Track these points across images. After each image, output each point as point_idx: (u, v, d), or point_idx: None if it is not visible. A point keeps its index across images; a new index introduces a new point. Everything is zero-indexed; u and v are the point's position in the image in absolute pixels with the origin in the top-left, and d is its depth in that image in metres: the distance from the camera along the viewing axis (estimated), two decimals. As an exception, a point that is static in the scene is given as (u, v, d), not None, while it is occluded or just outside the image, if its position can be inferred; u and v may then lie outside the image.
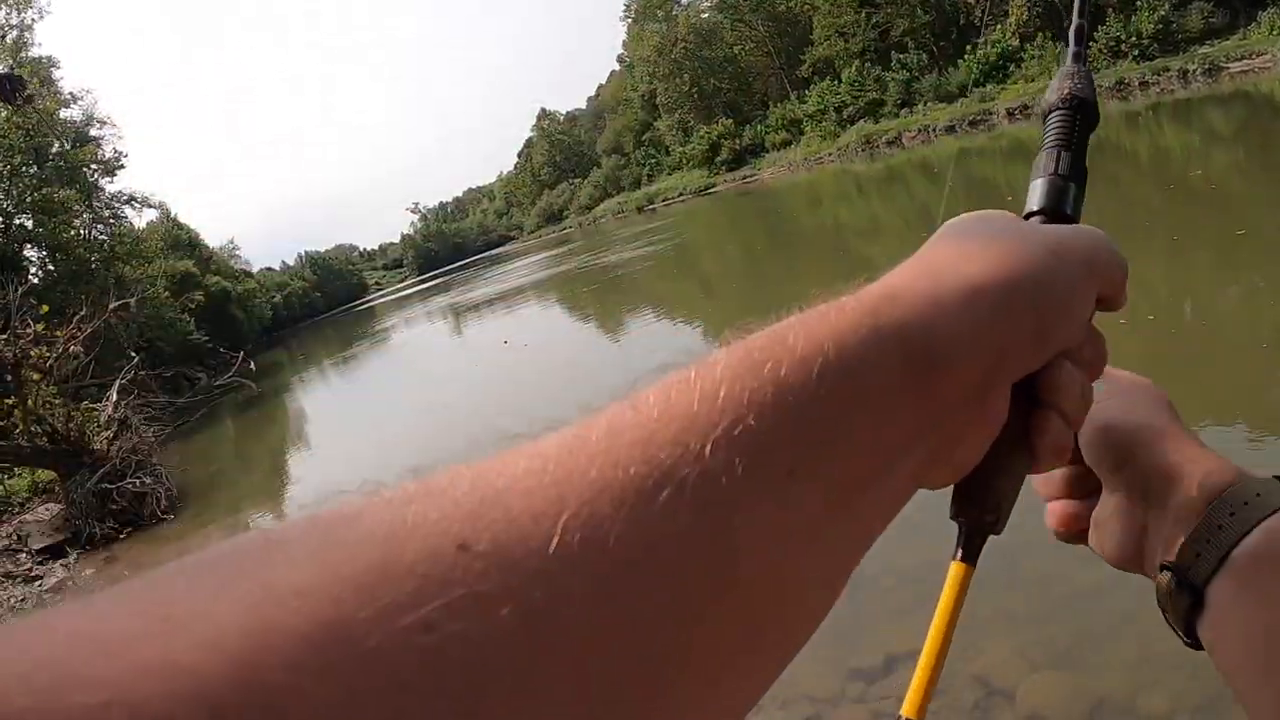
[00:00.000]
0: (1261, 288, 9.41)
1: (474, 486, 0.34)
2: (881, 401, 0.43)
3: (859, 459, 0.42)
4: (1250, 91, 30.36)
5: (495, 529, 0.32)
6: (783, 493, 0.38)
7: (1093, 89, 0.72)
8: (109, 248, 41.44)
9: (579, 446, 0.36)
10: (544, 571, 0.31)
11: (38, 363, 16.15)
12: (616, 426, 0.38)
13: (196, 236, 76.10)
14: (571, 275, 39.06)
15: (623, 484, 0.35)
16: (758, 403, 0.39)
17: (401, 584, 0.29)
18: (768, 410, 0.39)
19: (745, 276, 23.36)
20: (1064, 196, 0.67)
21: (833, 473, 0.41)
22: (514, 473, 0.35)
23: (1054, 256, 0.54)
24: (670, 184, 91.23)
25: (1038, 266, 0.53)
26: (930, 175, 33.63)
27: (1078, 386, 0.55)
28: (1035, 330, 0.52)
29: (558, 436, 0.38)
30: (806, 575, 0.41)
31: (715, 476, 0.36)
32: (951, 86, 57.64)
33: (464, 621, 0.29)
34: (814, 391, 0.41)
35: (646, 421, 0.38)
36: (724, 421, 0.38)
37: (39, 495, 18.41)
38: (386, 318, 65.39)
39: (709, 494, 0.36)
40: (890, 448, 0.44)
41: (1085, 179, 0.69)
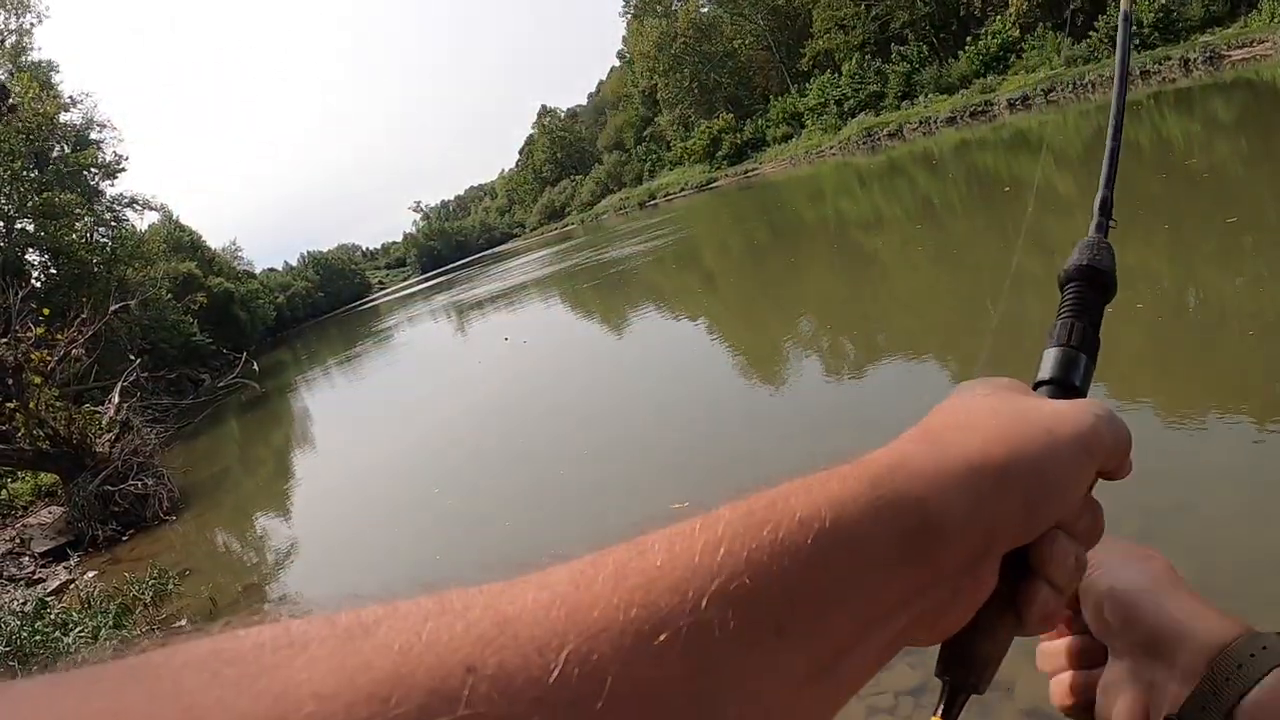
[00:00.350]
0: (1248, 277, 9.40)
1: (485, 611, 0.36)
2: (873, 571, 0.45)
3: (847, 623, 0.44)
4: (1252, 79, 30.24)
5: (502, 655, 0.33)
6: (771, 650, 0.40)
7: (1113, 261, 0.74)
8: (111, 250, 41.36)
9: (585, 584, 0.38)
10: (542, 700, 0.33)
11: (39, 366, 16.15)
12: (622, 569, 0.39)
13: (199, 238, 75.99)
14: (573, 271, 39.05)
15: (622, 625, 0.36)
16: (755, 562, 0.41)
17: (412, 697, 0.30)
18: (763, 570, 0.41)
19: (747, 271, 23.32)
20: (1073, 368, 0.68)
21: (820, 635, 0.43)
22: (524, 602, 0.37)
23: (1052, 438, 0.55)
24: (672, 179, 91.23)
25: (1035, 447, 0.54)
26: (931, 167, 33.56)
27: (1070, 558, 0.56)
28: (1027, 508, 0.53)
29: (567, 571, 0.40)
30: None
31: (708, 628, 0.38)
32: (952, 78, 57.58)
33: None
34: (809, 556, 0.42)
35: (649, 568, 0.40)
36: (721, 576, 0.40)
37: (41, 498, 18.46)
38: (390, 316, 65.44)
39: (701, 644, 0.38)
40: (878, 614, 0.46)
41: (1097, 350, 0.70)
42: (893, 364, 10.39)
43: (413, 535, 10.43)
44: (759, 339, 14.40)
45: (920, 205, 25.11)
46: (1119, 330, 8.68)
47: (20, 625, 7.89)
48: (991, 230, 16.83)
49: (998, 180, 24.50)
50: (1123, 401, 7.05)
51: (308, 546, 11.75)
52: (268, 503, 15.29)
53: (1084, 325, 0.71)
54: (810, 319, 14.29)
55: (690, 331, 17.13)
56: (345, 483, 14.72)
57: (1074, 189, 17.60)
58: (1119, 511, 4.17)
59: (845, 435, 8.26)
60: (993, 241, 15.68)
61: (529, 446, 12.08)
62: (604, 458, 10.52)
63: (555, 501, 9.53)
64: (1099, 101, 38.15)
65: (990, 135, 38.68)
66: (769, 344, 13.61)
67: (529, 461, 11.38)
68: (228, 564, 12.24)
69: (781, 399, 10.63)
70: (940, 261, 15.82)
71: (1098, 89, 42.21)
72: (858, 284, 16.55)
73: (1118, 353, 8.50)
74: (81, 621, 8.40)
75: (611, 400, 13.35)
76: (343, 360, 39.88)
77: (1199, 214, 12.62)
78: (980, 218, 18.68)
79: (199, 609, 9.85)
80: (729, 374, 12.66)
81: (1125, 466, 0.61)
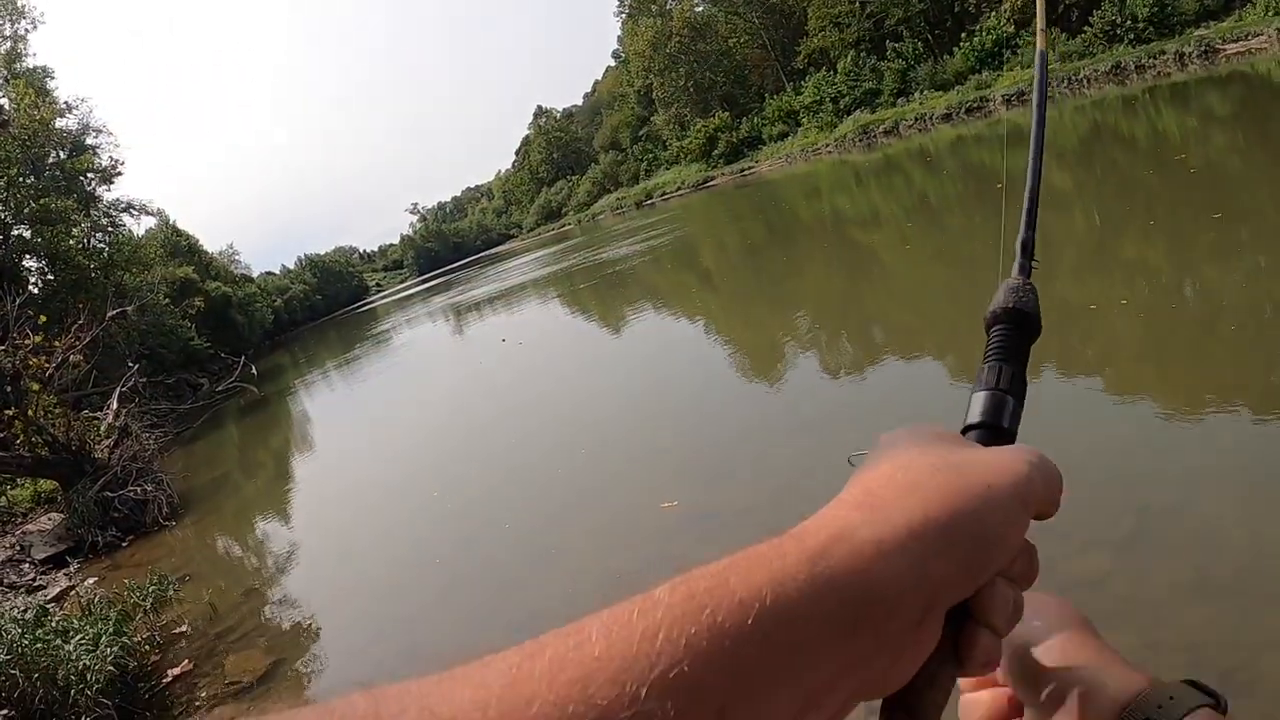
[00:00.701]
0: (1231, 272, 9.41)
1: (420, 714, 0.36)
2: (816, 647, 0.45)
3: (790, 700, 0.44)
4: (1247, 72, 30.26)
5: None
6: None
7: (1036, 302, 0.74)
8: (108, 256, 41.37)
9: (521, 679, 0.38)
10: None
11: (37, 373, 16.16)
12: (558, 662, 0.39)
13: (196, 242, 75.99)
14: (570, 272, 39.06)
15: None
16: (693, 648, 0.40)
17: None
18: (702, 655, 0.40)
19: (744, 269, 23.33)
20: (1002, 412, 0.69)
21: (764, 715, 0.42)
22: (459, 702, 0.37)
23: (990, 492, 0.55)
24: (668, 178, 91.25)
25: (975, 504, 0.54)
26: (926, 163, 33.57)
27: (1009, 603, 0.56)
28: (970, 566, 0.53)
29: (502, 665, 0.40)
30: None
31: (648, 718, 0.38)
32: (947, 74, 57.59)
33: None
34: (748, 638, 0.42)
35: (587, 660, 0.39)
36: (660, 665, 0.39)
37: (41, 505, 18.47)
38: (388, 318, 65.46)
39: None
40: (822, 687, 0.45)
41: (1025, 391, 0.70)
42: (889, 360, 10.39)
43: (412, 540, 10.46)
44: (756, 337, 14.41)
45: (917, 201, 25.12)
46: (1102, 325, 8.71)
47: (21, 633, 7.88)
48: (988, 226, 16.85)
49: (994, 176, 24.51)
50: (1112, 398, 7.07)
51: (308, 551, 11.76)
52: (267, 507, 15.31)
53: (1012, 369, 0.71)
54: (807, 316, 14.29)
55: (687, 330, 17.13)
56: (344, 486, 14.74)
57: (1070, 184, 17.63)
58: (1116, 513, 4.16)
59: (841, 432, 8.27)
60: (989, 237, 15.69)
61: (527, 447, 12.09)
62: (600, 458, 10.55)
63: (555, 504, 9.53)
64: (1094, 96, 38.20)
65: (986, 131, 38.69)
66: (766, 342, 13.63)
67: (528, 463, 11.40)
68: (228, 569, 12.25)
69: (778, 396, 10.63)
70: (936, 258, 15.85)
71: (1093, 84, 42.24)
72: (854, 281, 16.57)
73: (1101, 349, 8.53)
74: (82, 629, 8.40)
75: (608, 400, 13.35)
76: (341, 363, 39.89)
77: (1186, 209, 12.62)
78: (976, 213, 18.68)
79: (199, 614, 9.87)
80: (725, 372, 12.66)
81: (1056, 507, 0.61)
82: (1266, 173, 14.23)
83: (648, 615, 0.42)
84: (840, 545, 0.48)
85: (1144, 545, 4.90)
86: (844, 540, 0.49)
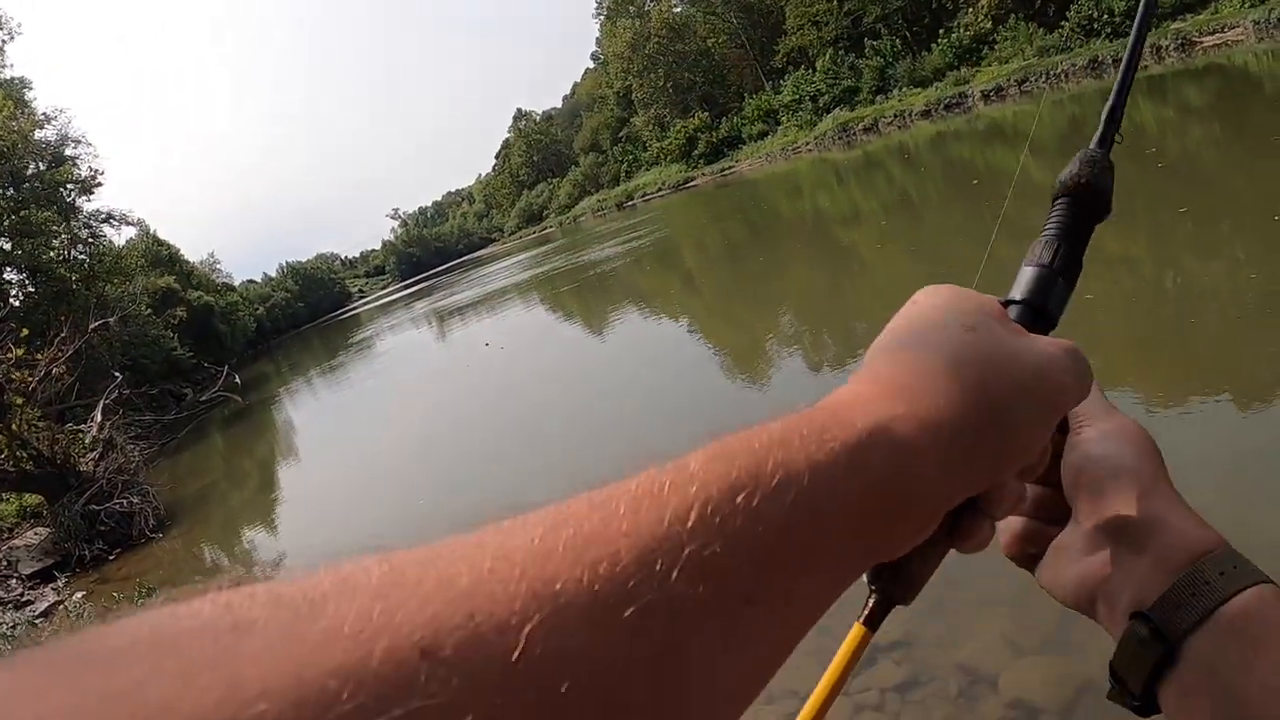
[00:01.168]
0: (1193, 267, 9.49)
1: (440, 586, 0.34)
2: (844, 539, 0.44)
3: (814, 587, 0.43)
4: (1224, 64, 30.44)
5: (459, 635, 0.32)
6: (737, 618, 0.39)
7: (1110, 179, 0.68)
8: (89, 267, 41.17)
9: (545, 554, 0.36)
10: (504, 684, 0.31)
11: (20, 386, 16.10)
12: (585, 536, 0.37)
13: (177, 252, 75.70)
14: (552, 275, 39.03)
15: (588, 601, 0.35)
16: (726, 531, 0.39)
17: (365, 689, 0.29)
18: (733, 539, 0.39)
19: (726, 269, 23.37)
20: (1049, 293, 0.65)
21: (788, 599, 0.42)
22: (479, 573, 0.35)
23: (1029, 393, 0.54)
24: (649, 179, 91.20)
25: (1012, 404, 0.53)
26: (905, 160, 33.67)
27: (1016, 497, 0.56)
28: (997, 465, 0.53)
29: (524, 536, 0.38)
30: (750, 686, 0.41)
31: (677, 601, 0.37)
32: (926, 71, 57.73)
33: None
34: (781, 526, 0.41)
35: (615, 535, 0.38)
36: (691, 545, 0.38)
37: (27, 519, 18.38)
38: (371, 324, 65.36)
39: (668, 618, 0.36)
40: (844, 575, 0.46)
41: (1077, 276, 0.66)
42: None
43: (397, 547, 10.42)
44: (737, 335, 14.43)
45: (897, 198, 25.20)
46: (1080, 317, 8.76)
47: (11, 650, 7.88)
48: (968, 221, 16.92)
49: (973, 172, 24.60)
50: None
51: (295, 559, 11.73)
52: (254, 516, 15.26)
53: (1068, 248, 0.66)
54: (789, 314, 14.33)
55: (669, 330, 17.14)
56: (330, 494, 14.72)
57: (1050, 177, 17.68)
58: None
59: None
60: (968, 232, 15.76)
61: (511, 453, 12.09)
62: (583, 461, 10.55)
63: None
64: (1072, 91, 38.36)
65: (965, 127, 38.82)
66: (747, 340, 13.65)
67: (512, 470, 11.39)
68: (216, 579, 12.19)
69: (760, 394, 10.65)
70: (916, 254, 15.90)
71: (1070, 78, 42.42)
72: (836, 278, 16.60)
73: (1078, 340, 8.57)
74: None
75: (591, 402, 13.35)
76: (325, 371, 39.79)
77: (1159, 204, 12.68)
78: (956, 209, 18.76)
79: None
80: (707, 370, 12.68)
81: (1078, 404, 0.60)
82: (1238, 166, 14.34)
83: (680, 491, 0.40)
84: (879, 438, 0.47)
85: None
86: (883, 433, 0.48)
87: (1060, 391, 0.57)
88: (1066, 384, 0.57)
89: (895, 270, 15.32)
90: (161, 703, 0.26)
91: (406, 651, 0.31)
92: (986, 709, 3.96)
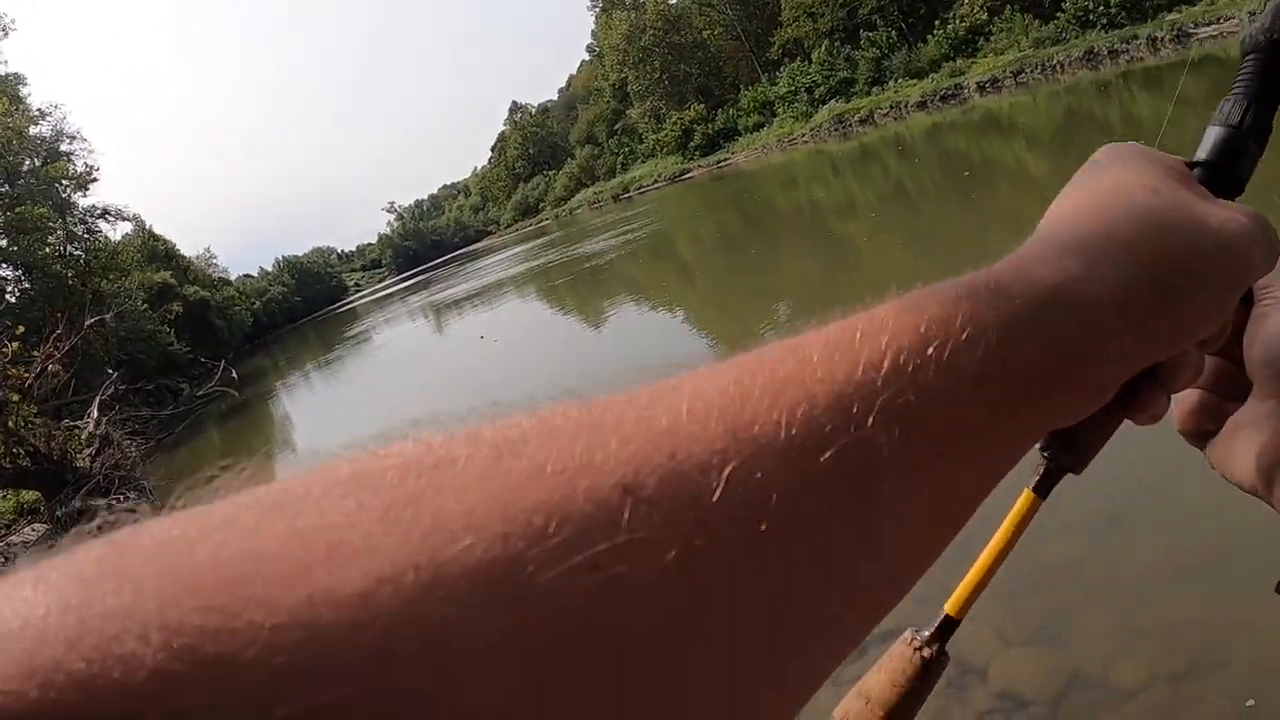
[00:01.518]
0: None
1: (638, 425, 0.34)
2: (1027, 398, 0.44)
3: (998, 445, 0.43)
4: (1220, 56, 30.41)
5: (660, 474, 0.32)
6: (928, 469, 0.39)
7: None
8: (85, 263, 41.12)
9: (742, 396, 0.36)
10: (704, 522, 0.31)
11: (16, 383, 16.11)
12: (779, 380, 0.37)
13: (173, 247, 75.48)
14: (547, 268, 39.02)
15: (785, 444, 0.35)
16: (919, 384, 0.39)
17: (569, 525, 0.29)
18: (926, 392, 0.39)
19: (721, 260, 23.38)
20: (1238, 157, 0.60)
21: (974, 456, 0.42)
22: (678, 414, 0.35)
23: (1218, 263, 0.52)
24: (645, 172, 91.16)
25: (1201, 273, 0.51)
26: (900, 152, 33.68)
27: (1194, 370, 0.54)
28: (1180, 336, 0.51)
29: (719, 379, 0.38)
30: (933, 544, 0.42)
31: (871, 449, 0.37)
32: (922, 62, 57.73)
33: (627, 565, 0.29)
34: (972, 384, 0.41)
35: (810, 380, 0.37)
36: (885, 394, 0.38)
37: (24, 516, 18.37)
38: (367, 318, 65.28)
39: (863, 465, 0.36)
40: (1024, 437, 0.46)
41: (1268, 138, 0.61)
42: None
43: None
44: (732, 325, 14.44)
45: (893, 189, 25.22)
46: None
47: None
48: (963, 213, 16.95)
49: (968, 163, 24.62)
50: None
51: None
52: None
53: (1261, 109, 0.61)
54: (785, 304, 14.34)
55: (664, 321, 17.16)
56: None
57: (1047, 170, 17.75)
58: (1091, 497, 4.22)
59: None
60: (961, 223, 15.79)
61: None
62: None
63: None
64: (1067, 83, 38.36)
65: (961, 118, 38.86)
66: (740, 329, 13.65)
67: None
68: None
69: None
70: (911, 244, 15.92)
71: (1066, 70, 42.43)
72: (830, 268, 16.63)
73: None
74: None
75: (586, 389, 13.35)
76: (321, 364, 39.78)
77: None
78: (951, 200, 18.78)
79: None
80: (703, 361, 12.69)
81: None
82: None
83: (872, 339, 0.40)
84: (1061, 298, 0.46)
85: (1119, 530, 4.97)
86: (1065, 293, 0.46)
87: (1246, 262, 0.53)
88: (1253, 254, 0.54)
89: (889, 260, 15.34)
90: (364, 540, 0.27)
91: (609, 489, 0.31)
92: (975, 699, 3.98)
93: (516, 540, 0.28)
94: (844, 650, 0.39)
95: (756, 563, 0.32)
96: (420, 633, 0.25)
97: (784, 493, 0.34)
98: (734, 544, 0.32)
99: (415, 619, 0.25)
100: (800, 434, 0.35)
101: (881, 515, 0.37)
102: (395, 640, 0.25)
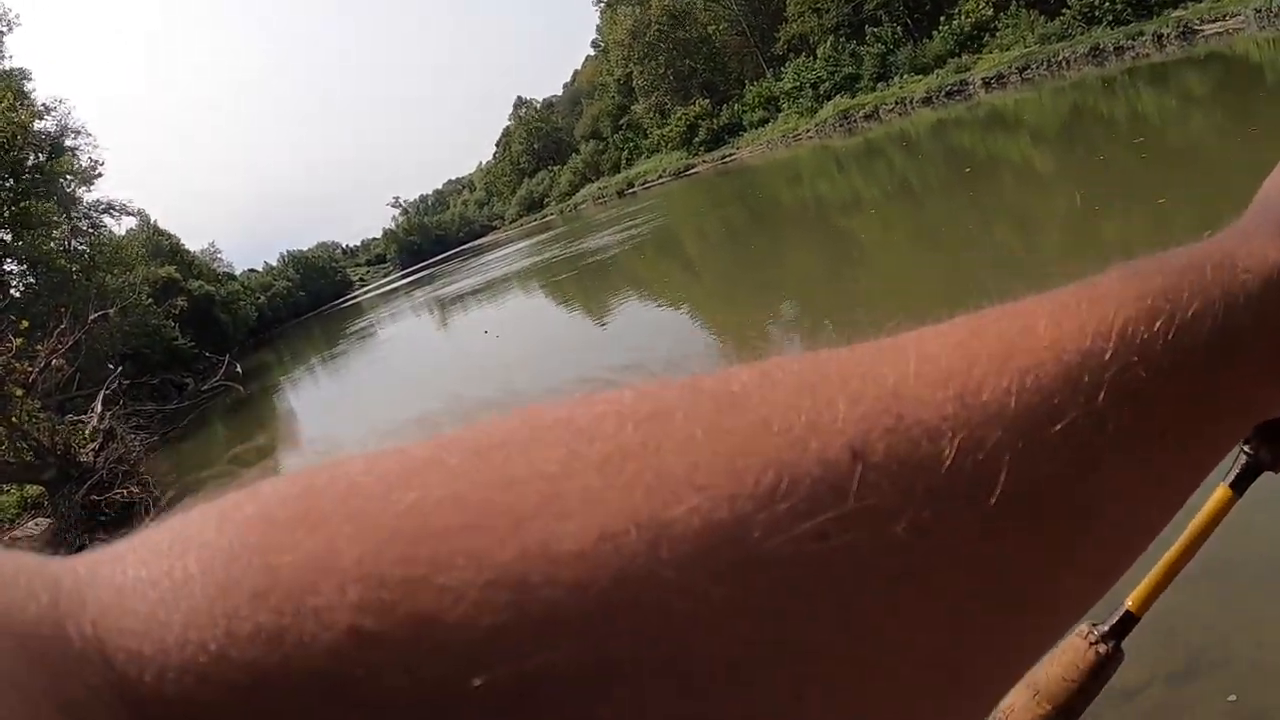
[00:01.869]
0: None
1: (866, 384, 0.33)
2: (1250, 385, 0.41)
3: (1212, 435, 0.41)
4: (1225, 53, 30.35)
5: (890, 439, 0.31)
6: (1153, 450, 0.37)
7: None
8: (89, 258, 41.14)
9: (970, 360, 0.35)
10: (934, 492, 0.30)
11: (20, 378, 16.13)
12: (1007, 346, 0.36)
13: (178, 242, 75.61)
14: (552, 263, 38.99)
15: (1015, 414, 0.33)
16: (1149, 358, 0.37)
17: (798, 489, 0.28)
18: (1155, 367, 0.37)
19: (726, 256, 23.36)
20: None
21: (1193, 444, 0.39)
22: (906, 375, 0.34)
23: None
24: (649, 167, 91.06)
25: None
26: (905, 148, 33.63)
27: None
28: None
29: (943, 341, 0.36)
30: (1147, 531, 0.39)
31: (1101, 422, 0.35)
32: (927, 58, 57.55)
33: (856, 533, 0.28)
34: (1200, 360, 0.38)
35: (1037, 347, 0.36)
36: (1115, 367, 0.36)
37: (28, 510, 18.43)
38: (372, 313, 65.28)
39: (1091, 439, 0.34)
40: (1240, 425, 0.43)
41: None
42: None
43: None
44: (737, 320, 14.42)
45: (898, 185, 25.18)
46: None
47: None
48: (965, 210, 16.92)
49: (973, 159, 24.58)
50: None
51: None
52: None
53: None
54: (790, 300, 14.33)
55: (669, 317, 17.14)
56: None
57: (1052, 166, 17.71)
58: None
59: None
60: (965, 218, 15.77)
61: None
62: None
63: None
64: (1073, 79, 38.28)
65: (966, 114, 38.76)
66: (746, 324, 13.63)
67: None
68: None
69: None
70: (917, 240, 15.90)
71: (1071, 66, 42.34)
72: (835, 264, 16.60)
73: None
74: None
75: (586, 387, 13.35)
76: (326, 359, 39.79)
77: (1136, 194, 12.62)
78: (955, 196, 18.75)
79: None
80: (708, 356, 12.68)
81: None
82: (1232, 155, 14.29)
83: (1098, 308, 0.38)
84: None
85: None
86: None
87: None
88: None
89: (894, 256, 15.33)
90: (582, 493, 0.25)
91: (838, 451, 0.29)
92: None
93: (744, 502, 0.27)
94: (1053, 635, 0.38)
95: (985, 539, 0.31)
96: (641, 597, 0.24)
97: (1013, 465, 0.32)
98: (964, 518, 0.31)
99: (636, 581, 0.24)
100: (1030, 403, 0.34)
101: (1105, 494, 0.35)
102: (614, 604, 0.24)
